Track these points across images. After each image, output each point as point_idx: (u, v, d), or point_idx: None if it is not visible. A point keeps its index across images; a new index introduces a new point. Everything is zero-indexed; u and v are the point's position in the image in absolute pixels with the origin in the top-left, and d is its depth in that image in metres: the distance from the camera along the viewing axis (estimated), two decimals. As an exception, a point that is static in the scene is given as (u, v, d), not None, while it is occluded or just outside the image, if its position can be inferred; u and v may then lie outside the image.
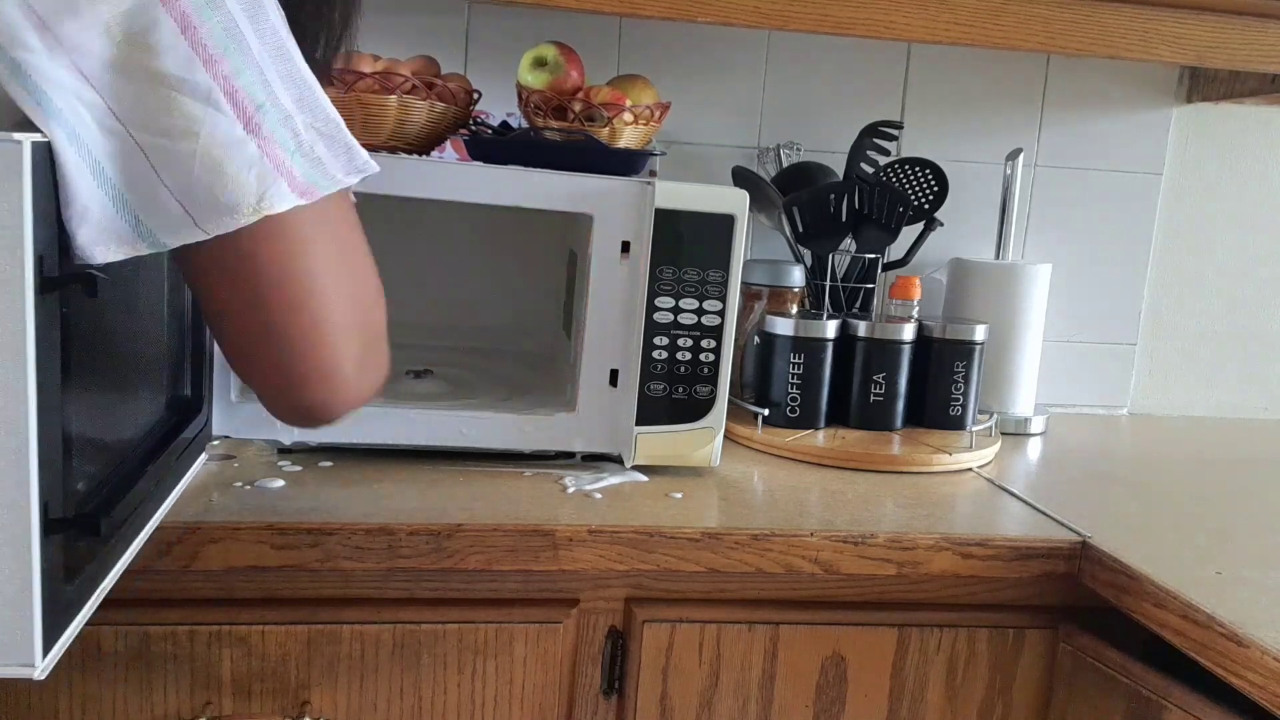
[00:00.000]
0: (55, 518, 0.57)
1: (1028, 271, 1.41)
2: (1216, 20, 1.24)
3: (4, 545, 0.55)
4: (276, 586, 0.90)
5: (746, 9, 1.14)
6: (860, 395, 1.28)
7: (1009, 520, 1.04)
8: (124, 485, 0.70)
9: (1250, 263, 1.62)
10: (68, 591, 0.60)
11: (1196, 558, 0.96)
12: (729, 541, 0.94)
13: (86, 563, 0.63)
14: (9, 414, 0.54)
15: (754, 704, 0.98)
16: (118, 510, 0.67)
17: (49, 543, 0.57)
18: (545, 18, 1.31)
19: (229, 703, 0.89)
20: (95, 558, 0.64)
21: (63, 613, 0.59)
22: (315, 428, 0.76)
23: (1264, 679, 0.76)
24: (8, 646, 0.56)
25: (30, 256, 0.53)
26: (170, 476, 0.81)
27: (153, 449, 0.78)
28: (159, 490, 0.78)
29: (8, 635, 0.56)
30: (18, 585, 0.56)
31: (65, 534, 0.58)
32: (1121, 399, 1.62)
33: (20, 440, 0.55)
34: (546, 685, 0.95)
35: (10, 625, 0.56)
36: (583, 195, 1.03)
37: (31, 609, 0.56)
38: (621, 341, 1.06)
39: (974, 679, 1.01)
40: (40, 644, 0.57)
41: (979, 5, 1.19)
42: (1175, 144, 1.57)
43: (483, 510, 0.94)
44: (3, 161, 0.52)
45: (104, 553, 0.65)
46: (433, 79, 1.08)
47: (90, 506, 0.64)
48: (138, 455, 0.75)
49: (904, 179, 1.36)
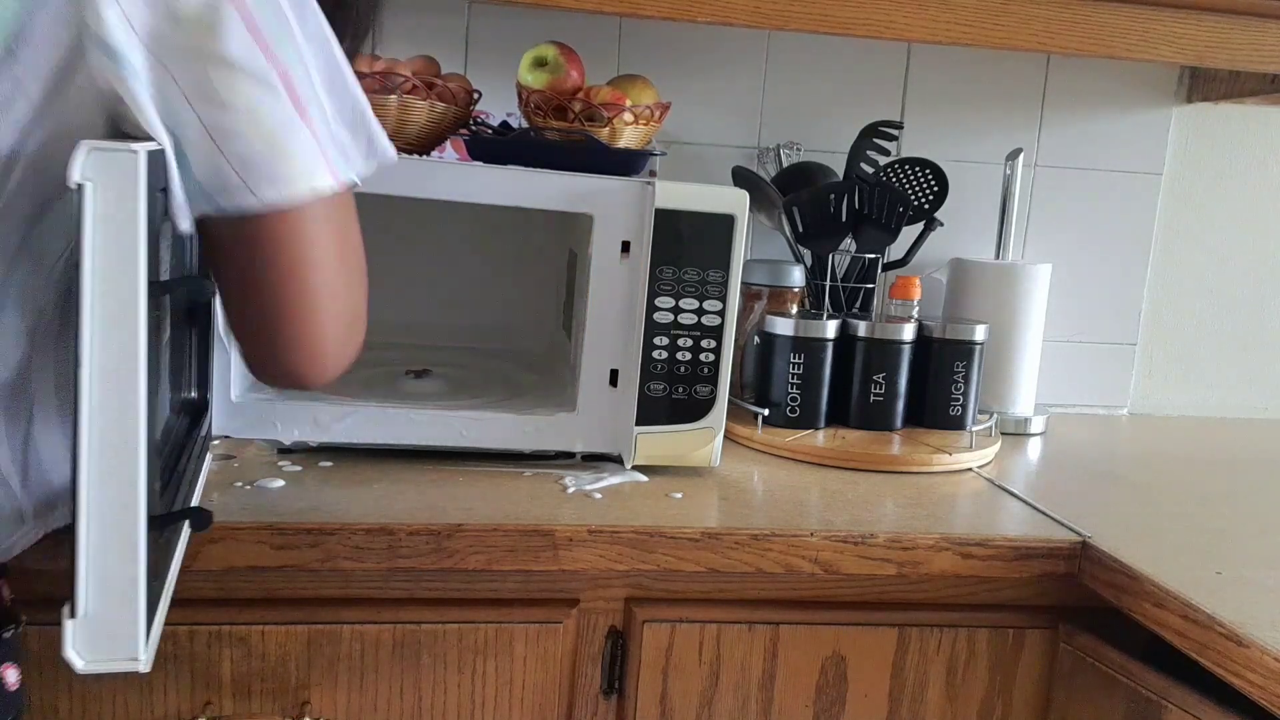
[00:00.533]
0: (155, 515, 0.60)
1: (1028, 271, 1.41)
2: (1216, 20, 1.24)
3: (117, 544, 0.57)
4: (276, 586, 0.90)
5: (746, 9, 1.15)
6: (860, 395, 1.28)
7: (1009, 520, 1.04)
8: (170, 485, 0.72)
9: (1250, 262, 1.62)
10: (155, 588, 0.62)
11: (1196, 558, 0.96)
12: (729, 541, 0.94)
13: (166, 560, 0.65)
14: (122, 415, 0.56)
15: (754, 704, 0.98)
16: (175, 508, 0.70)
17: (150, 540, 0.59)
18: (545, 18, 1.31)
19: (229, 703, 0.89)
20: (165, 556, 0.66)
21: (153, 609, 0.61)
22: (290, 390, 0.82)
23: (1264, 679, 0.76)
24: (119, 641, 0.59)
25: (144, 262, 0.56)
26: (196, 475, 0.83)
27: (180, 449, 0.80)
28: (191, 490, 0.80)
29: (119, 630, 0.58)
30: (126, 581, 0.58)
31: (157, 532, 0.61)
32: (1121, 399, 1.62)
33: (131, 440, 0.57)
34: (546, 685, 0.95)
35: (119, 621, 0.58)
36: (583, 195, 1.03)
37: (137, 604, 0.59)
38: (621, 341, 1.06)
39: (974, 679, 1.01)
40: (144, 638, 0.59)
41: (979, 5, 1.19)
42: (1175, 144, 1.57)
43: (483, 510, 0.94)
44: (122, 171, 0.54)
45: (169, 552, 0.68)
46: (433, 79, 1.08)
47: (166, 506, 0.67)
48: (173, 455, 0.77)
49: (904, 179, 1.36)
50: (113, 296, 0.55)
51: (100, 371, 0.56)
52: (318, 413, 1.03)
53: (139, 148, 0.55)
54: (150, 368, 0.57)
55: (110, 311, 0.55)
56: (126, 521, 0.57)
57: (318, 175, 0.61)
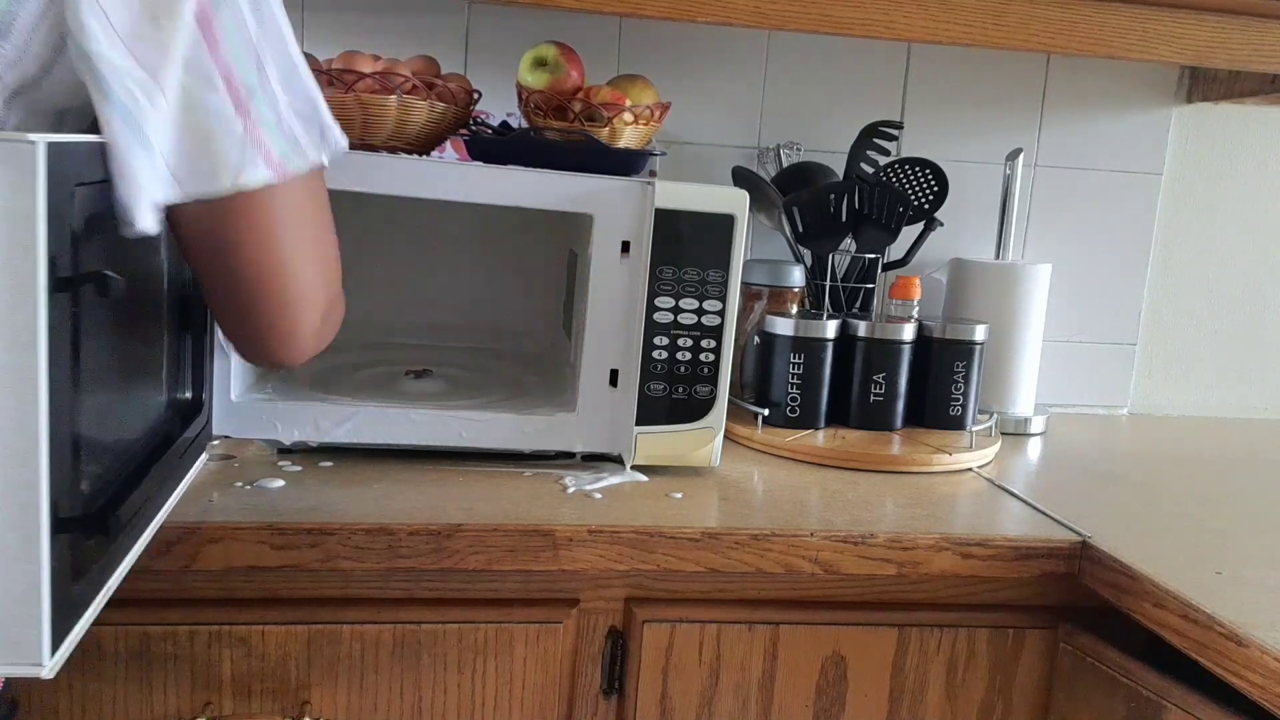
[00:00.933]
0: (64, 517, 0.57)
1: (1028, 271, 1.41)
2: (1216, 20, 1.24)
3: (13, 544, 0.55)
4: (276, 586, 0.90)
5: (746, 9, 1.14)
6: (860, 395, 1.28)
7: (1009, 520, 1.04)
8: (128, 485, 0.70)
9: (1250, 262, 1.62)
10: (74, 591, 0.60)
11: (1196, 558, 0.96)
12: (729, 541, 0.94)
13: (93, 562, 0.63)
14: (20, 414, 0.54)
15: (754, 704, 0.98)
16: (123, 510, 0.67)
17: (58, 542, 0.57)
18: (545, 18, 1.31)
19: (229, 703, 0.89)
20: (101, 557, 0.64)
21: (70, 612, 0.59)
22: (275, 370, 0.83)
23: (1264, 679, 0.77)
24: (16, 646, 0.56)
25: (44, 256, 0.53)
26: (173, 476, 0.81)
27: (155, 449, 0.78)
28: (162, 490, 0.78)
29: (16, 634, 0.56)
30: (26, 584, 0.56)
31: (73, 533, 0.59)
32: (1121, 399, 1.62)
33: (30, 440, 0.55)
34: (546, 685, 0.95)
35: (19, 624, 0.56)
36: (583, 195, 1.03)
37: (40, 608, 0.56)
38: (621, 341, 1.06)
39: (974, 679, 1.01)
40: (49, 643, 0.57)
41: (979, 5, 1.19)
42: (1175, 144, 1.57)
43: (483, 510, 0.94)
44: (18, 161, 0.53)
45: (110, 552, 0.66)
46: (433, 79, 1.08)
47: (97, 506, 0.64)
48: (141, 455, 0.75)
49: (904, 179, 1.36)
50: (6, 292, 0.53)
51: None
52: (318, 413, 1.03)
53: (38, 138, 0.53)
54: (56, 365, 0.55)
55: (5, 307, 0.53)
56: (28, 523, 0.55)
57: (247, 170, 0.62)
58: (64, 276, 0.55)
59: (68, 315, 0.57)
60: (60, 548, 0.57)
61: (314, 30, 1.34)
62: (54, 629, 0.57)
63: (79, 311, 0.58)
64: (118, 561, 0.67)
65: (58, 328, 0.55)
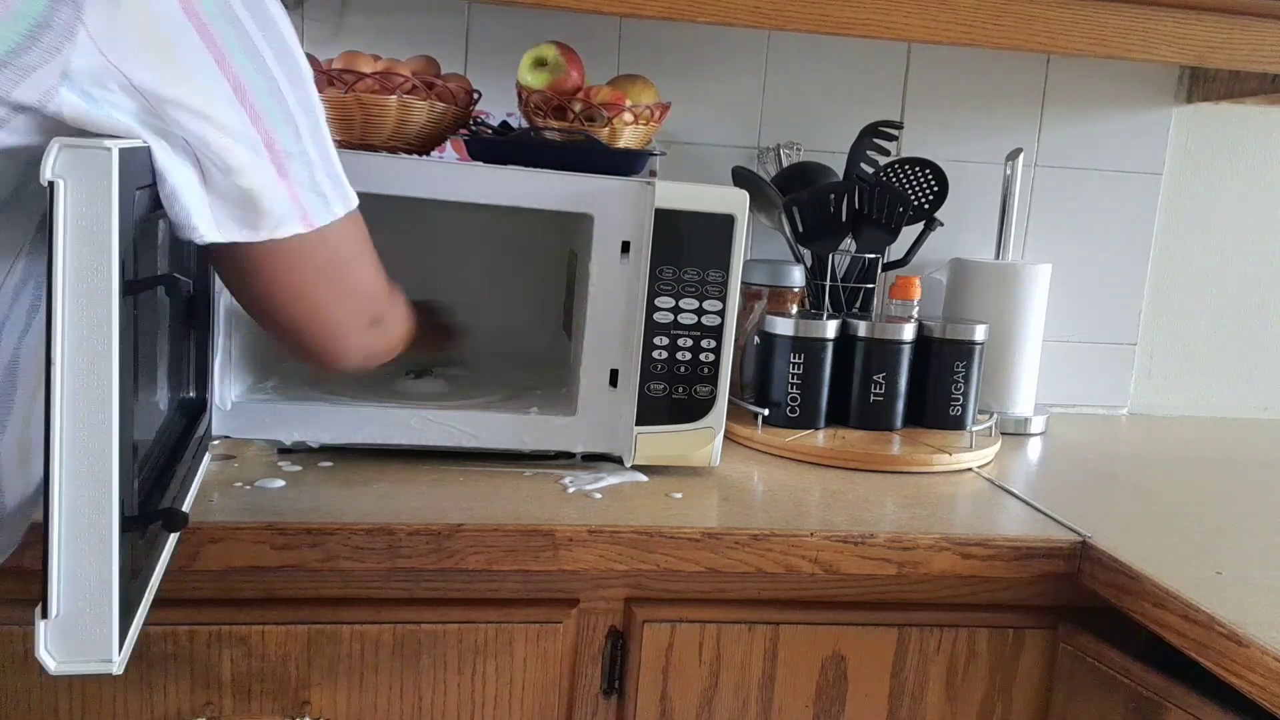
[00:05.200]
0: (128, 515, 0.59)
1: (1028, 271, 1.41)
2: (1216, 20, 1.24)
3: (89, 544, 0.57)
4: (276, 586, 0.90)
5: (746, 9, 1.14)
6: (860, 395, 1.28)
7: (1009, 520, 1.04)
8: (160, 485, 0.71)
9: (1250, 262, 1.62)
10: (133, 589, 0.61)
11: (1196, 558, 0.96)
12: (729, 541, 0.94)
13: (145, 561, 0.64)
14: (96, 416, 0.56)
15: (754, 704, 0.98)
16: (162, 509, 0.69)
17: (124, 541, 0.58)
18: (545, 18, 1.31)
19: (229, 703, 0.89)
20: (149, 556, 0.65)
21: (129, 609, 0.61)
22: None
23: (1264, 679, 0.76)
24: (91, 643, 0.58)
25: (116, 259, 0.55)
26: (190, 475, 0.82)
27: (175, 449, 0.79)
28: (184, 489, 0.79)
29: (91, 632, 0.58)
30: (99, 582, 0.57)
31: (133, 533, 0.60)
32: (1121, 399, 1.62)
33: (105, 441, 0.56)
34: (546, 685, 0.95)
35: (93, 622, 0.58)
36: (583, 195, 1.03)
37: (110, 606, 0.58)
38: (621, 341, 1.06)
39: (974, 679, 1.01)
40: (117, 640, 0.58)
41: (979, 5, 1.19)
42: (1175, 144, 1.57)
43: (483, 510, 0.94)
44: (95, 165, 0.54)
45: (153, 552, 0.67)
46: (433, 79, 1.08)
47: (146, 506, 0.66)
48: (165, 455, 0.76)
49: (904, 179, 1.36)
50: (85, 295, 0.55)
51: (71, 370, 0.55)
52: (318, 413, 1.03)
53: (112, 144, 0.54)
54: (124, 366, 0.56)
55: (82, 310, 0.55)
56: (99, 522, 0.57)
57: (286, 224, 0.68)
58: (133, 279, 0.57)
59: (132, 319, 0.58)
60: (125, 547, 0.59)
61: (314, 30, 1.34)
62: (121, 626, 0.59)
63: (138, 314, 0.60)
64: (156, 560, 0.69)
65: (125, 331, 0.57)
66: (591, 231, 1.04)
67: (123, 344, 0.56)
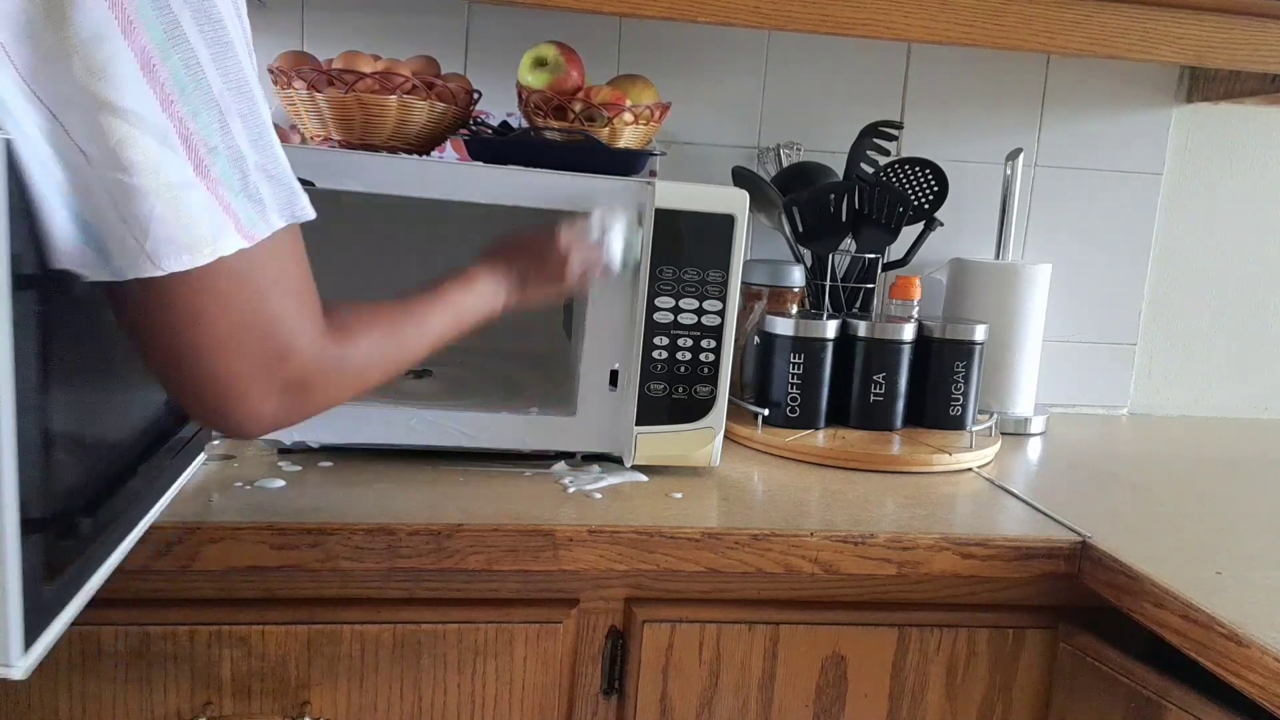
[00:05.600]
0: (34, 517, 0.56)
1: (1028, 271, 1.41)
2: (1216, 20, 1.24)
3: None
4: (276, 586, 0.90)
5: (746, 9, 1.14)
6: (860, 395, 1.28)
7: (1009, 520, 1.04)
8: (113, 484, 0.69)
9: (1250, 262, 1.62)
10: (49, 591, 0.59)
11: (1196, 558, 0.96)
12: (729, 541, 0.94)
13: (70, 562, 0.62)
14: None
15: (754, 704, 0.98)
16: (104, 510, 0.66)
17: (27, 543, 0.56)
18: (545, 18, 1.31)
19: (229, 703, 0.89)
20: (81, 557, 0.63)
21: (44, 613, 0.59)
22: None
23: (1264, 679, 0.76)
24: None
25: (6, 253, 0.52)
26: (165, 475, 0.81)
27: (146, 448, 0.77)
28: (152, 489, 0.77)
29: None
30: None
31: (44, 534, 0.58)
32: (1121, 399, 1.62)
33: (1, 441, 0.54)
34: (546, 685, 0.95)
35: None
36: (583, 195, 1.03)
37: (8, 609, 0.55)
38: (621, 341, 1.06)
39: (974, 679, 1.01)
40: (19, 644, 0.56)
41: (979, 5, 1.19)
42: (1175, 144, 1.57)
43: (483, 510, 0.94)
44: None
45: (91, 552, 0.65)
46: (433, 79, 1.08)
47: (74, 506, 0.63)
48: (129, 455, 0.74)
49: (904, 179, 1.36)
50: None
51: None
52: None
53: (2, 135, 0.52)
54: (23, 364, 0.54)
55: None
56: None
57: (223, 237, 0.56)
58: (26, 275, 0.54)
59: (33, 314, 0.55)
60: (29, 549, 0.56)
61: (314, 30, 1.35)
62: (27, 630, 0.56)
63: (49, 310, 0.56)
64: (100, 561, 0.66)
65: (22, 326, 0.54)
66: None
67: (20, 341, 0.53)
